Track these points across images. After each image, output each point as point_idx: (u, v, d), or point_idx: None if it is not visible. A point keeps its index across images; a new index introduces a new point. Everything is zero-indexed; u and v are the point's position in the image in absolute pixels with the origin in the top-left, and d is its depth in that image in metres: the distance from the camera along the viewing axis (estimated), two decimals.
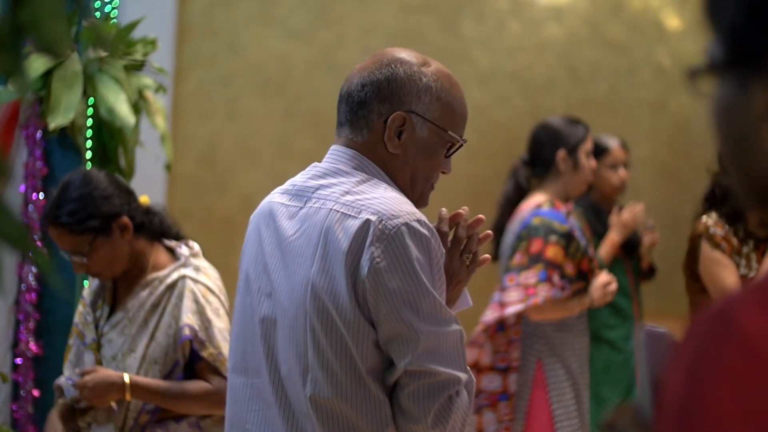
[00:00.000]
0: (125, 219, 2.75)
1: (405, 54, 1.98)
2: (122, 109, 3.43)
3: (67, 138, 3.48)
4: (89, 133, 3.52)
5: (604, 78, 5.88)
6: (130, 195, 2.82)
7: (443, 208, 2.03)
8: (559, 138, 3.96)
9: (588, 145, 3.96)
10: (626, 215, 4.30)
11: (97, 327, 2.84)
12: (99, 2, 3.63)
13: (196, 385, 2.73)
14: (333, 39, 5.58)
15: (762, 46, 0.85)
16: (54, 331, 3.52)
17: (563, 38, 5.82)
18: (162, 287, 2.79)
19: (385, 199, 1.87)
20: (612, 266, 4.27)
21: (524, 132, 4.11)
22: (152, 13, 4.20)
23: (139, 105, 3.57)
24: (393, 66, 1.96)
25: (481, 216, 2.02)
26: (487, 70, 5.66)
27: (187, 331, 2.72)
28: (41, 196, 3.47)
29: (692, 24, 5.86)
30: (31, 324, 3.47)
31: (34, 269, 3.45)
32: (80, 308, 2.92)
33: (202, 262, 2.87)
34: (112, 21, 3.65)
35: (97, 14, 3.63)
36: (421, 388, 1.84)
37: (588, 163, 3.94)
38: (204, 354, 2.73)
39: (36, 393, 3.48)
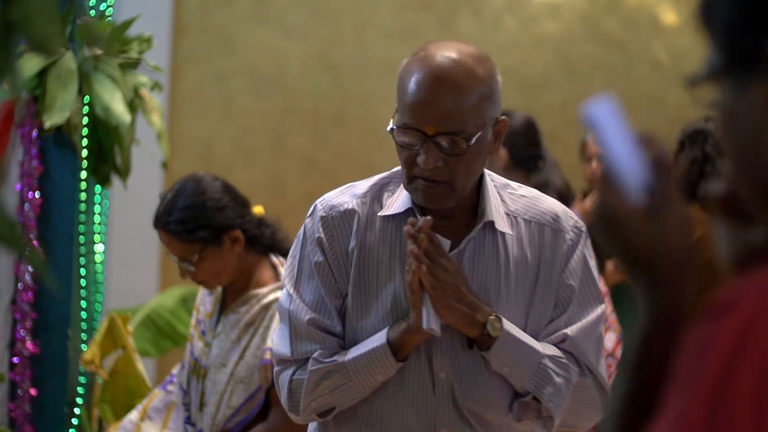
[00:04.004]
0: (237, 232, 2.69)
1: (430, 45, 1.91)
2: (118, 107, 3.42)
3: (62, 136, 3.47)
4: (85, 131, 3.51)
5: (601, 74, 5.88)
6: (245, 207, 2.75)
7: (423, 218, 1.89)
8: (538, 135, 3.96)
9: None
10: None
11: (204, 333, 2.82)
12: (94, 0, 3.62)
13: None
14: (329, 36, 5.58)
15: (760, 44, 0.84)
16: (51, 330, 3.51)
17: (559, 34, 5.82)
18: (258, 306, 2.73)
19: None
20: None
21: None
22: (147, 11, 4.19)
23: (134, 103, 3.56)
24: None
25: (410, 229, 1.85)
26: None
27: (268, 355, 2.64)
28: (37, 194, 3.47)
29: (688, 19, 5.86)
30: (28, 323, 3.47)
31: (30, 268, 3.44)
32: (194, 310, 2.91)
33: None
34: (107, 19, 3.64)
35: (92, 12, 3.62)
36: None
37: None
38: None
39: (33, 392, 3.47)
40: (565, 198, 3.94)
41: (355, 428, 1.94)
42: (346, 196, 1.95)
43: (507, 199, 1.96)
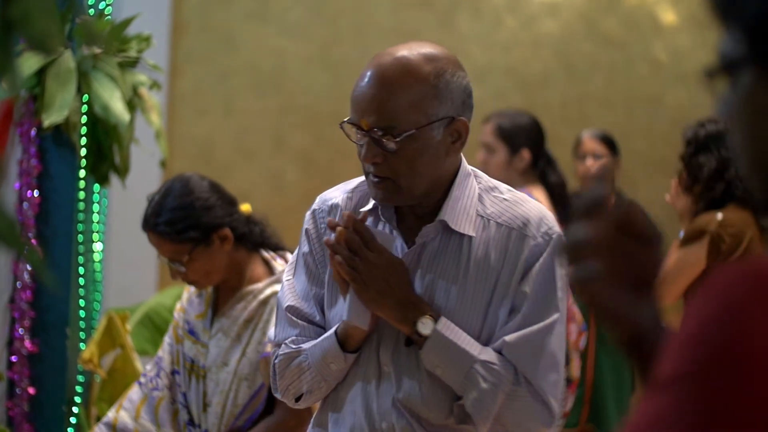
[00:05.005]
0: (226, 230, 2.69)
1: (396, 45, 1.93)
2: (117, 106, 3.42)
3: (61, 135, 3.47)
4: (84, 130, 3.50)
5: (600, 73, 5.88)
6: (233, 205, 2.76)
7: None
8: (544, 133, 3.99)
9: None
10: None
11: (194, 333, 2.81)
12: None
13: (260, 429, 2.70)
14: (329, 35, 5.58)
15: None
16: (50, 329, 3.51)
17: (559, 33, 5.82)
18: (255, 302, 2.73)
19: None
20: None
21: None
22: (147, 10, 4.19)
23: (133, 102, 3.56)
24: None
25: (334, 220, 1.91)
26: (482, 66, 5.65)
27: (268, 348, 2.64)
28: (36, 193, 3.47)
29: (687, 19, 5.86)
30: (26, 322, 3.46)
31: (29, 267, 3.44)
32: (178, 310, 2.89)
33: None
34: (106, 18, 3.64)
35: (91, 11, 3.62)
36: None
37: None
38: None
39: (32, 391, 3.47)
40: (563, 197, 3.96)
41: (325, 414, 1.99)
42: (338, 191, 2.01)
43: (487, 201, 1.93)
